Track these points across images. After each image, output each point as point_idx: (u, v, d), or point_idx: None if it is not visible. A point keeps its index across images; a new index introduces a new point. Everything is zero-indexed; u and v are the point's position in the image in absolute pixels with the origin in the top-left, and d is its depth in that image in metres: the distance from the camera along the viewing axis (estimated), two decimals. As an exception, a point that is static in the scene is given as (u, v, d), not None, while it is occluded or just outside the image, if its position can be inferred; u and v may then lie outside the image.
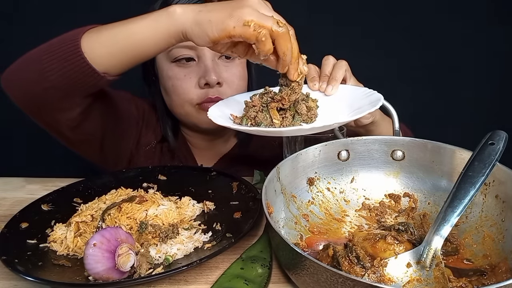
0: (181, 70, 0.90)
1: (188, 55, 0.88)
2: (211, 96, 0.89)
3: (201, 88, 0.90)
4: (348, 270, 0.49)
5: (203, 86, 0.89)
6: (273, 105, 0.62)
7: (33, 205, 0.71)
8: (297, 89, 0.62)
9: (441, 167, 0.65)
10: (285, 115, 0.62)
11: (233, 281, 0.53)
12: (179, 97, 0.91)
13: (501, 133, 0.57)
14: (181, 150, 1.03)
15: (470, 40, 1.56)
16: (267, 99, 0.62)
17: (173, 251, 0.59)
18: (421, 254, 0.50)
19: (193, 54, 0.89)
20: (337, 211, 0.67)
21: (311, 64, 0.75)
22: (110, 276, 0.51)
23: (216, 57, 0.90)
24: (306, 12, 1.50)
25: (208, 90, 0.89)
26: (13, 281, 0.55)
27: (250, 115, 0.62)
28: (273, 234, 0.51)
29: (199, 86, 0.89)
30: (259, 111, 0.62)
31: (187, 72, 0.90)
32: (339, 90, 0.72)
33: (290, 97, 0.61)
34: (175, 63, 0.90)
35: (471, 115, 1.62)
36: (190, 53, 0.88)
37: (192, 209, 0.71)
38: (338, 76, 0.72)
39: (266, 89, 0.64)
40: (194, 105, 0.91)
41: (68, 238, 0.61)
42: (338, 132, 0.73)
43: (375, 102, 0.63)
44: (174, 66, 0.90)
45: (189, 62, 0.89)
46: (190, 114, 0.93)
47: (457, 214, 0.50)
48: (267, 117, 0.62)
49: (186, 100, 0.91)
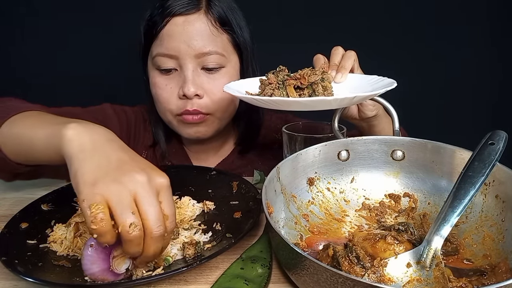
0: (163, 78, 0.89)
1: (168, 66, 0.87)
2: (189, 108, 0.87)
3: (180, 98, 0.88)
4: (348, 270, 0.49)
5: (181, 97, 0.88)
6: (291, 82, 0.61)
7: (33, 205, 0.70)
8: (318, 72, 0.62)
9: (441, 167, 0.65)
10: (302, 92, 0.62)
11: (233, 281, 0.53)
12: (161, 105, 0.91)
13: (501, 133, 0.56)
14: (177, 154, 1.01)
15: (470, 40, 1.56)
16: (283, 77, 0.62)
17: (173, 251, 0.58)
18: (421, 254, 0.50)
19: (174, 64, 0.87)
20: (337, 211, 0.67)
21: (319, 54, 0.76)
22: (105, 278, 0.51)
23: (198, 67, 0.87)
24: (304, 13, 1.50)
25: (187, 101, 0.87)
26: (13, 282, 0.55)
27: (267, 92, 0.62)
28: (273, 234, 0.51)
29: (179, 96, 0.88)
30: (275, 88, 0.62)
31: (168, 81, 0.89)
32: (350, 79, 0.72)
33: (310, 78, 0.61)
34: (158, 71, 0.89)
35: (471, 115, 1.62)
36: (170, 65, 0.87)
37: (192, 209, 0.71)
38: (347, 65, 0.73)
39: (280, 67, 0.64)
40: (174, 115, 0.90)
41: (68, 238, 0.61)
42: (338, 132, 0.73)
43: (390, 83, 0.63)
44: (158, 74, 0.89)
45: (171, 72, 0.88)
46: (172, 123, 0.93)
47: (457, 214, 0.50)
48: (284, 94, 0.62)
49: (167, 110, 0.90)
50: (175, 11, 0.85)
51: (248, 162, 1.03)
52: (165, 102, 0.89)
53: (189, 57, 0.86)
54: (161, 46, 0.86)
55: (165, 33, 0.85)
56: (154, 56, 0.88)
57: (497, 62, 1.60)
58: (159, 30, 0.86)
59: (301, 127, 0.82)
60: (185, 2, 0.85)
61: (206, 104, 0.88)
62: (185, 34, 0.85)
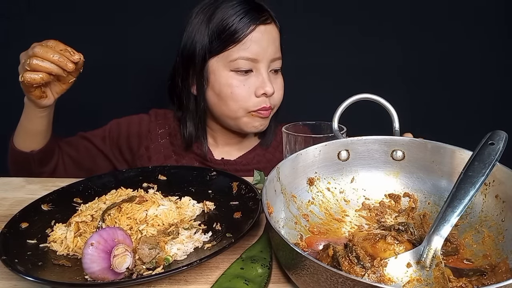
0: (240, 78, 0.98)
1: (248, 67, 0.97)
2: (265, 105, 0.99)
3: (257, 97, 0.98)
4: (348, 270, 0.49)
5: (259, 95, 0.98)
6: None
7: (33, 205, 0.70)
8: None
9: (441, 167, 0.65)
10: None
11: (233, 281, 0.53)
12: (236, 103, 0.99)
13: (501, 133, 0.56)
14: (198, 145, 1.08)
15: (470, 40, 1.56)
16: None
17: (173, 251, 0.59)
18: (421, 254, 0.50)
19: (252, 66, 0.98)
20: (337, 211, 0.67)
21: None
22: (106, 277, 0.52)
23: (268, 70, 1.00)
24: (303, 11, 1.50)
25: (264, 99, 0.99)
26: (13, 281, 0.55)
27: None
28: (273, 234, 0.51)
29: (256, 95, 0.98)
30: None
31: (245, 81, 0.98)
32: None
33: None
34: (234, 72, 0.98)
35: (471, 115, 1.62)
36: (249, 66, 0.97)
37: (192, 209, 0.71)
38: None
39: None
40: (248, 112, 1.00)
41: (68, 238, 0.61)
42: (338, 132, 0.73)
43: None
44: (234, 75, 0.98)
45: (247, 73, 0.98)
46: (241, 118, 1.01)
47: (457, 214, 0.50)
48: None
49: (242, 107, 0.99)
50: (259, 21, 0.96)
51: (268, 160, 1.10)
52: (242, 100, 0.98)
53: (266, 61, 0.98)
54: (245, 50, 0.96)
55: (251, 39, 0.96)
56: (234, 59, 0.96)
57: (498, 62, 1.60)
58: (243, 36, 0.95)
59: (301, 127, 0.82)
60: (260, 13, 0.97)
61: (274, 101, 1.02)
62: (266, 40, 0.97)
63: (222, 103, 1.00)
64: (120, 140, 1.09)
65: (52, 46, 0.77)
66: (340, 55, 1.54)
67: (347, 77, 1.52)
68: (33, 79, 0.77)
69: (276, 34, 1.01)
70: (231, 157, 1.10)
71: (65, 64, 0.77)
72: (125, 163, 1.10)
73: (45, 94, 0.84)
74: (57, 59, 0.76)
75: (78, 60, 0.78)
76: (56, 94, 0.86)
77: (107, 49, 1.43)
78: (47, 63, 0.76)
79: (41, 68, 0.76)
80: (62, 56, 0.77)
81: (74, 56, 0.78)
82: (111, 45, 1.44)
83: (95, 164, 1.08)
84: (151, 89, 1.46)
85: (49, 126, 0.94)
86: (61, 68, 0.77)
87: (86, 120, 1.18)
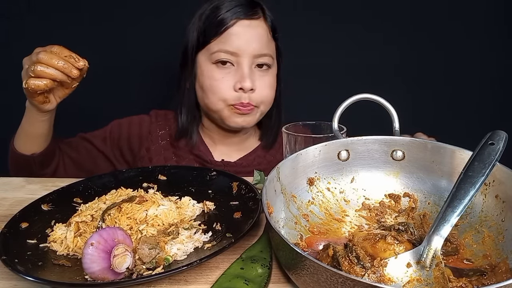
0: (220, 71, 0.98)
1: (228, 59, 0.97)
2: (243, 101, 0.98)
3: (235, 91, 0.98)
4: (348, 270, 0.49)
5: (237, 90, 0.97)
6: None
7: (33, 205, 0.70)
8: None
9: (441, 167, 0.65)
10: None
11: (233, 281, 0.53)
12: (214, 95, 0.99)
13: (501, 133, 0.56)
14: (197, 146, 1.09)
15: (470, 40, 1.56)
16: None
17: (173, 251, 0.59)
18: (421, 254, 0.50)
19: (232, 59, 0.97)
20: (337, 211, 0.67)
21: None
22: (106, 277, 0.52)
23: (253, 66, 0.99)
24: (303, 10, 1.50)
25: (242, 94, 0.98)
26: (13, 281, 0.55)
27: None
28: (273, 234, 0.51)
29: (234, 89, 0.98)
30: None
31: (225, 74, 0.98)
32: None
33: None
34: (215, 64, 0.98)
35: (472, 115, 1.62)
36: (229, 58, 0.97)
37: (192, 209, 0.71)
38: None
39: None
40: (227, 105, 1.00)
41: (68, 238, 0.61)
42: (338, 132, 0.73)
43: None
44: (215, 68, 0.99)
45: (225, 64, 0.98)
46: (221, 111, 1.01)
47: (457, 214, 0.50)
48: None
49: (220, 99, 0.99)
50: (244, 15, 0.96)
51: (269, 161, 1.09)
52: (219, 92, 0.98)
53: (248, 56, 0.97)
54: (225, 43, 0.96)
55: (231, 32, 0.96)
56: (214, 51, 0.97)
57: (498, 62, 1.60)
58: (224, 30, 0.95)
59: (301, 127, 0.82)
60: (248, 8, 0.97)
61: (256, 98, 1.00)
62: (248, 35, 0.97)
63: (204, 96, 1.01)
64: (121, 141, 1.09)
65: (56, 52, 0.76)
66: (340, 55, 1.54)
67: (347, 77, 1.52)
68: (38, 86, 0.76)
69: (263, 31, 0.99)
70: (231, 158, 1.09)
71: (70, 71, 0.76)
72: (126, 165, 1.10)
73: (48, 99, 0.84)
74: (62, 66, 0.76)
75: (83, 67, 0.78)
76: (58, 98, 0.86)
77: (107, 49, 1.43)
78: (51, 69, 0.76)
79: (46, 74, 0.76)
80: (67, 62, 0.76)
81: (79, 63, 0.77)
82: (111, 45, 1.44)
83: (96, 165, 1.08)
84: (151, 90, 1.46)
85: (50, 129, 0.94)
86: (66, 75, 0.77)
87: (86, 121, 1.18)
